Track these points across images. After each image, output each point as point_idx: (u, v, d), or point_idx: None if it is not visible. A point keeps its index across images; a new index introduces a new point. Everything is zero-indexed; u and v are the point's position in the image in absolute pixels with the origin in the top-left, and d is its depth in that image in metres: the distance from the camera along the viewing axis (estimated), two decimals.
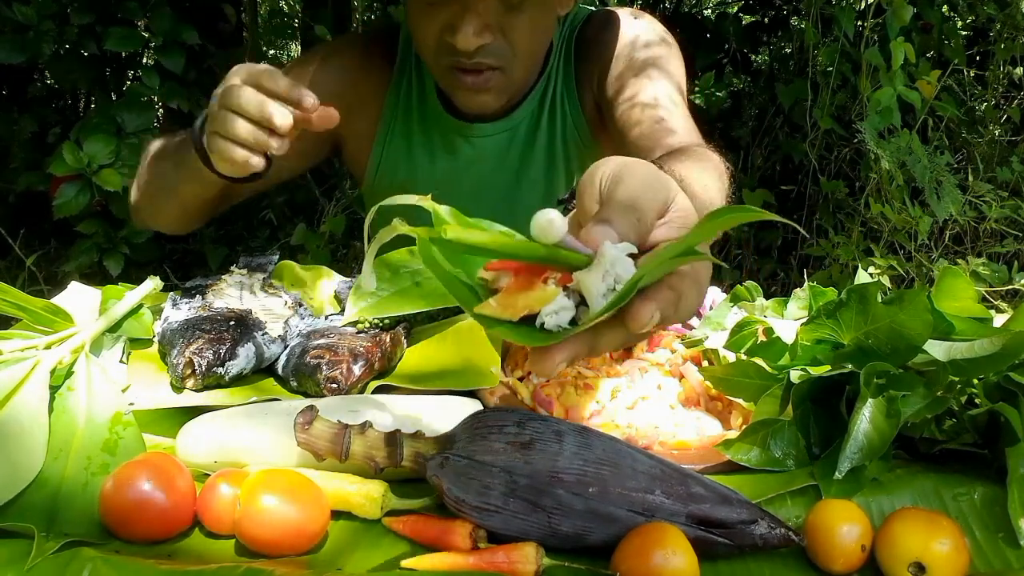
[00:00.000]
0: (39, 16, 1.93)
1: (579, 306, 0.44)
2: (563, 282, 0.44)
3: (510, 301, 0.43)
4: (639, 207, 0.47)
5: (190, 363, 0.74)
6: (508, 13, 0.99)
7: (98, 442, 0.65)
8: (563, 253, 0.43)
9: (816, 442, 0.68)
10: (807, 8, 2.38)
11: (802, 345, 0.71)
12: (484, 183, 1.18)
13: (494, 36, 0.99)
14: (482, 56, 1.00)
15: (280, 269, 0.99)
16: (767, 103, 2.73)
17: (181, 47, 2.03)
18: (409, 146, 1.18)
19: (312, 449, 0.58)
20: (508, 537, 0.57)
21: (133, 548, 0.56)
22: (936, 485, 0.65)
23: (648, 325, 0.43)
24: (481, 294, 0.46)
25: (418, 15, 1.01)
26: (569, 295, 0.43)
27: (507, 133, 1.15)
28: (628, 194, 0.47)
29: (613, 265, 0.42)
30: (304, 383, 0.75)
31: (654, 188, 0.49)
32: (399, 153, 1.18)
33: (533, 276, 0.44)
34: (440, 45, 1.01)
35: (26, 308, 0.78)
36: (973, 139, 2.54)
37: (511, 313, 0.43)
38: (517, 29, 1.00)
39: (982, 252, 2.33)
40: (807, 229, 2.62)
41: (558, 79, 1.14)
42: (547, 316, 0.43)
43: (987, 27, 2.63)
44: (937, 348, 0.67)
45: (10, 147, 2.30)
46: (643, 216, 0.47)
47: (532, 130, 1.16)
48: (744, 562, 0.57)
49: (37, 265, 2.25)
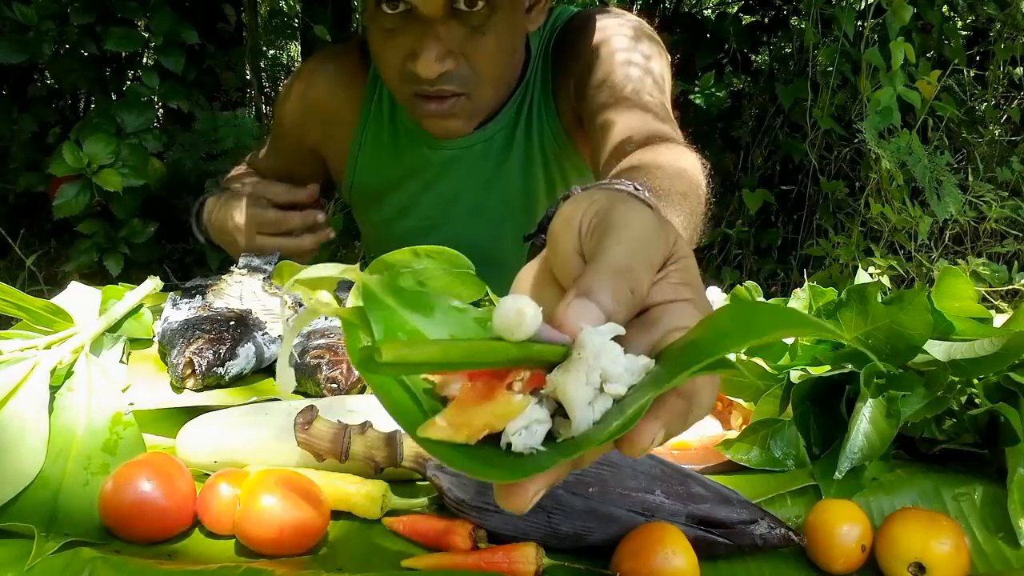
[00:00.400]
0: (39, 16, 1.93)
1: (556, 415, 0.33)
2: (533, 384, 0.33)
3: (464, 417, 0.32)
4: (633, 272, 0.36)
5: (190, 363, 0.74)
6: (471, 37, 0.94)
7: (98, 442, 0.65)
8: (534, 348, 0.33)
9: (816, 442, 0.68)
10: (807, 8, 2.38)
11: (802, 345, 0.71)
12: (458, 193, 1.15)
13: (457, 62, 0.95)
14: (444, 83, 0.95)
15: (280, 269, 0.99)
16: (767, 103, 2.72)
17: (181, 47, 2.03)
18: (382, 158, 1.16)
19: (312, 449, 0.58)
20: (508, 537, 0.57)
21: (133, 548, 0.57)
22: (936, 485, 0.65)
23: (649, 448, 0.34)
24: (424, 404, 0.34)
25: (379, 42, 0.98)
26: (543, 402, 0.33)
27: (482, 144, 1.11)
28: (619, 253, 0.37)
29: (597, 358, 0.33)
30: (304, 383, 0.75)
31: (651, 241, 0.38)
32: (373, 164, 1.17)
33: (494, 380, 0.33)
34: (402, 72, 0.97)
35: (26, 308, 0.78)
36: (973, 139, 2.54)
37: (466, 434, 0.32)
38: (481, 54, 0.95)
39: (982, 252, 2.34)
40: (807, 229, 2.62)
41: (536, 86, 1.10)
42: (515, 435, 0.32)
43: (987, 27, 2.63)
44: (937, 348, 0.67)
45: (10, 147, 2.30)
46: (638, 284, 0.36)
47: (508, 139, 1.11)
48: (744, 562, 0.57)
49: (37, 265, 2.25)
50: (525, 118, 1.11)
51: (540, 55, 1.09)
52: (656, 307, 0.37)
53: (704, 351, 0.32)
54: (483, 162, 1.13)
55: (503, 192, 1.14)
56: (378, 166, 1.17)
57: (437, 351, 0.31)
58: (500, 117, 1.10)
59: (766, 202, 2.57)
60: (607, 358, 0.33)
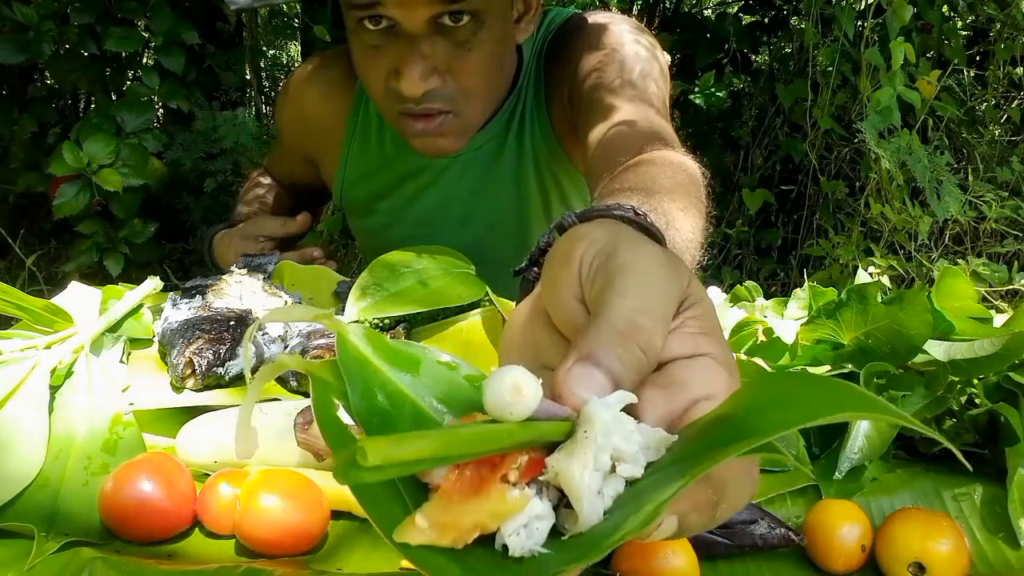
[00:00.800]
0: (39, 16, 1.93)
1: (559, 507, 0.28)
2: (531, 473, 0.28)
3: (450, 516, 0.27)
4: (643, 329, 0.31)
5: (190, 363, 0.74)
6: (457, 53, 0.90)
7: (98, 442, 0.65)
8: (533, 427, 0.28)
9: (816, 442, 0.68)
10: (807, 8, 2.38)
11: (802, 345, 0.71)
12: (448, 201, 1.14)
13: (442, 79, 0.92)
14: (430, 101, 0.92)
15: (280, 269, 0.99)
16: (767, 103, 2.72)
17: (181, 47, 2.03)
18: (371, 167, 1.15)
19: (312, 449, 0.58)
20: None
21: (133, 548, 0.57)
22: (936, 485, 0.65)
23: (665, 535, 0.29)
24: (407, 497, 0.28)
25: (363, 60, 0.94)
26: (543, 492, 0.28)
27: (472, 153, 1.09)
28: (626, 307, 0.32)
29: (607, 436, 0.28)
30: (304, 383, 0.75)
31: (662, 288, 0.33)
32: (362, 172, 1.16)
33: (485, 469, 0.28)
34: (387, 90, 0.94)
35: (26, 308, 0.78)
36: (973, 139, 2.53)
37: (453, 537, 0.26)
38: (467, 70, 0.92)
39: (982, 252, 2.33)
40: (807, 229, 2.62)
41: (528, 93, 1.07)
42: (512, 536, 0.27)
43: (987, 27, 2.63)
44: (937, 348, 0.67)
45: (10, 147, 2.30)
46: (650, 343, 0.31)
47: (499, 146, 1.09)
48: (744, 562, 0.57)
49: (37, 265, 2.25)
50: (517, 125, 1.08)
51: (533, 61, 1.06)
52: (673, 363, 0.32)
53: (743, 429, 0.26)
54: (473, 170, 1.11)
55: (494, 199, 1.13)
56: (367, 174, 1.16)
57: (430, 446, 0.26)
58: (490, 127, 1.07)
59: (766, 202, 2.57)
60: (618, 436, 0.28)
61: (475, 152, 1.09)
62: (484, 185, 1.12)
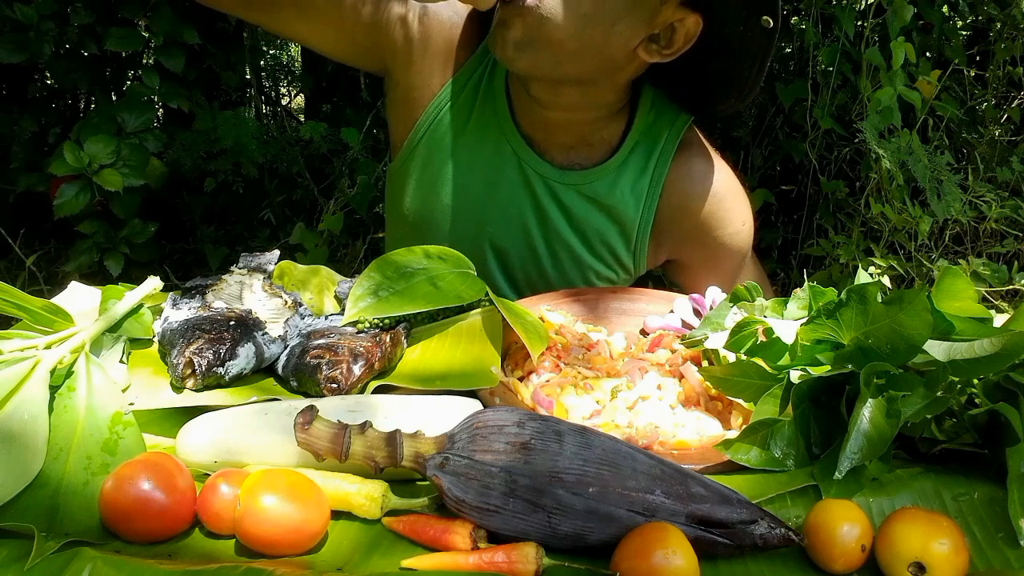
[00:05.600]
0: (39, 16, 1.93)
1: None
2: None
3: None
4: None
5: (190, 363, 0.74)
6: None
7: (98, 442, 0.65)
8: None
9: (816, 442, 0.68)
10: (807, 8, 2.38)
11: (802, 345, 0.71)
12: (517, 216, 1.10)
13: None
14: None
15: (280, 269, 0.99)
16: (767, 103, 2.72)
17: (181, 47, 2.03)
18: (454, 143, 1.09)
19: (312, 449, 0.58)
20: (508, 537, 0.57)
21: (133, 548, 0.57)
22: (936, 485, 0.65)
23: None
24: None
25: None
26: None
27: (558, 172, 1.08)
28: None
29: None
30: (304, 383, 0.75)
31: None
32: (438, 145, 1.10)
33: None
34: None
35: (26, 308, 0.78)
36: (973, 139, 2.53)
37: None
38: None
39: (982, 252, 2.33)
40: (807, 229, 2.62)
41: (652, 165, 1.08)
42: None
43: (987, 27, 2.63)
44: (937, 348, 0.67)
45: (10, 147, 2.30)
46: None
47: (590, 191, 1.08)
48: (744, 562, 0.57)
49: (37, 265, 2.25)
50: (619, 194, 1.09)
51: (660, 156, 1.09)
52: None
53: None
54: (544, 189, 1.09)
55: (563, 238, 1.11)
56: (444, 153, 1.10)
57: None
58: (597, 170, 1.08)
59: (766, 202, 2.57)
60: None
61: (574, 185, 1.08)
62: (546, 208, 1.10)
